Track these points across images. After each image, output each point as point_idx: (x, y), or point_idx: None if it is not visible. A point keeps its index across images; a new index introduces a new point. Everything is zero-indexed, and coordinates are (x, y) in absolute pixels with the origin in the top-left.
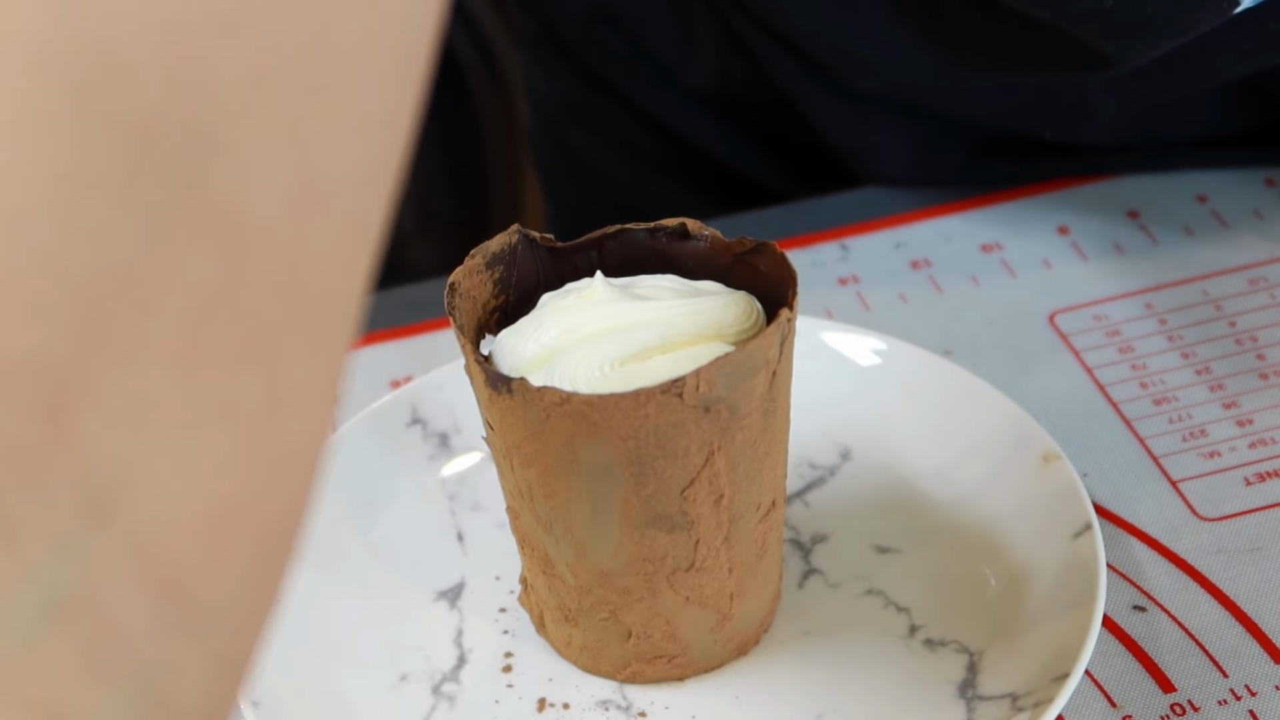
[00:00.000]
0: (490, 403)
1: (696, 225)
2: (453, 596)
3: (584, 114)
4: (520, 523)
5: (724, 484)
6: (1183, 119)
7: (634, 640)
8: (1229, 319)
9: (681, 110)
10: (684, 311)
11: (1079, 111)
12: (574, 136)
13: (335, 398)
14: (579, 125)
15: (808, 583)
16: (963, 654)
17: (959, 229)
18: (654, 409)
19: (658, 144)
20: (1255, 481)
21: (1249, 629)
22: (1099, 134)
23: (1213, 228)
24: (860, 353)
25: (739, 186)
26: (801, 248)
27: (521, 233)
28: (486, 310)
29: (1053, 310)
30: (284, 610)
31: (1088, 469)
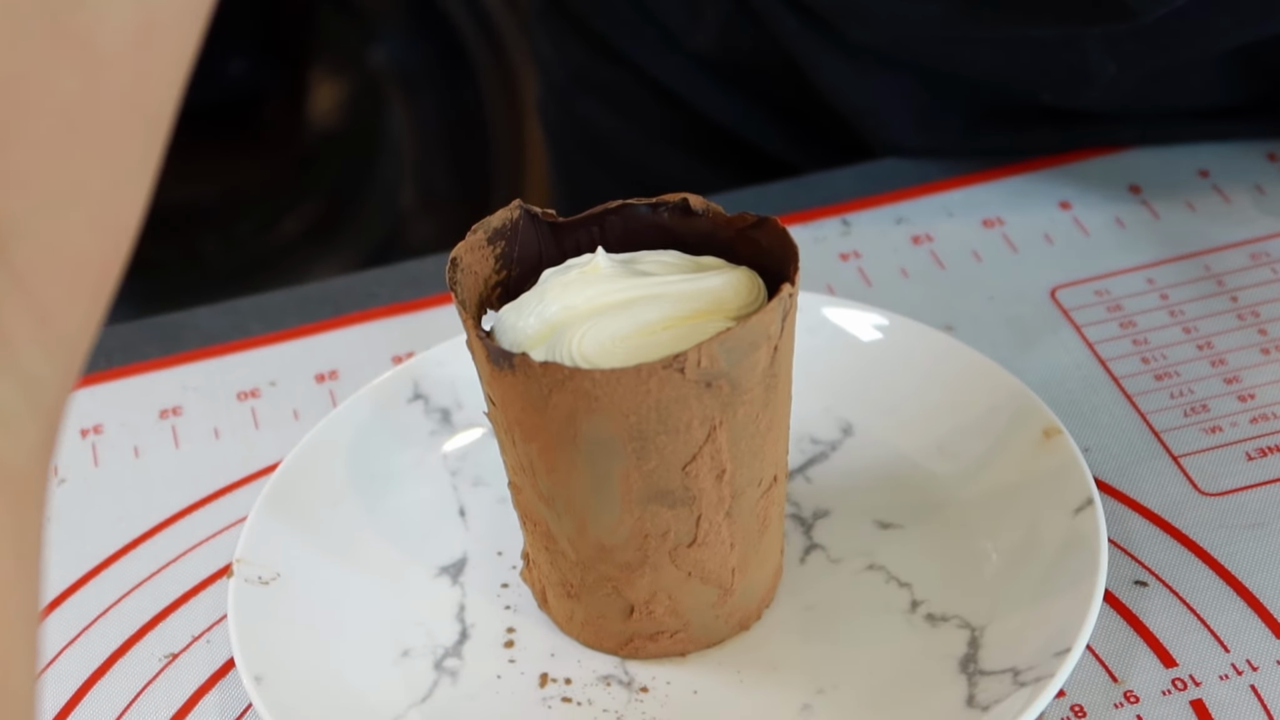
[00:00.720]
0: (492, 378)
1: (699, 200)
2: (455, 572)
3: (591, 83)
4: (522, 498)
5: (725, 459)
6: (1181, 88)
7: (636, 615)
8: (1231, 294)
9: (687, 76)
10: (685, 287)
11: (1078, 74)
12: (581, 105)
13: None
14: (586, 94)
15: (809, 558)
16: (964, 629)
17: (960, 204)
18: (655, 384)
19: (664, 112)
20: (1257, 456)
21: (1250, 604)
22: (1096, 99)
23: (1214, 202)
24: (862, 328)
25: (745, 154)
26: (803, 223)
27: (523, 208)
28: (488, 285)
29: (1054, 285)
30: (285, 585)
31: (1089, 444)
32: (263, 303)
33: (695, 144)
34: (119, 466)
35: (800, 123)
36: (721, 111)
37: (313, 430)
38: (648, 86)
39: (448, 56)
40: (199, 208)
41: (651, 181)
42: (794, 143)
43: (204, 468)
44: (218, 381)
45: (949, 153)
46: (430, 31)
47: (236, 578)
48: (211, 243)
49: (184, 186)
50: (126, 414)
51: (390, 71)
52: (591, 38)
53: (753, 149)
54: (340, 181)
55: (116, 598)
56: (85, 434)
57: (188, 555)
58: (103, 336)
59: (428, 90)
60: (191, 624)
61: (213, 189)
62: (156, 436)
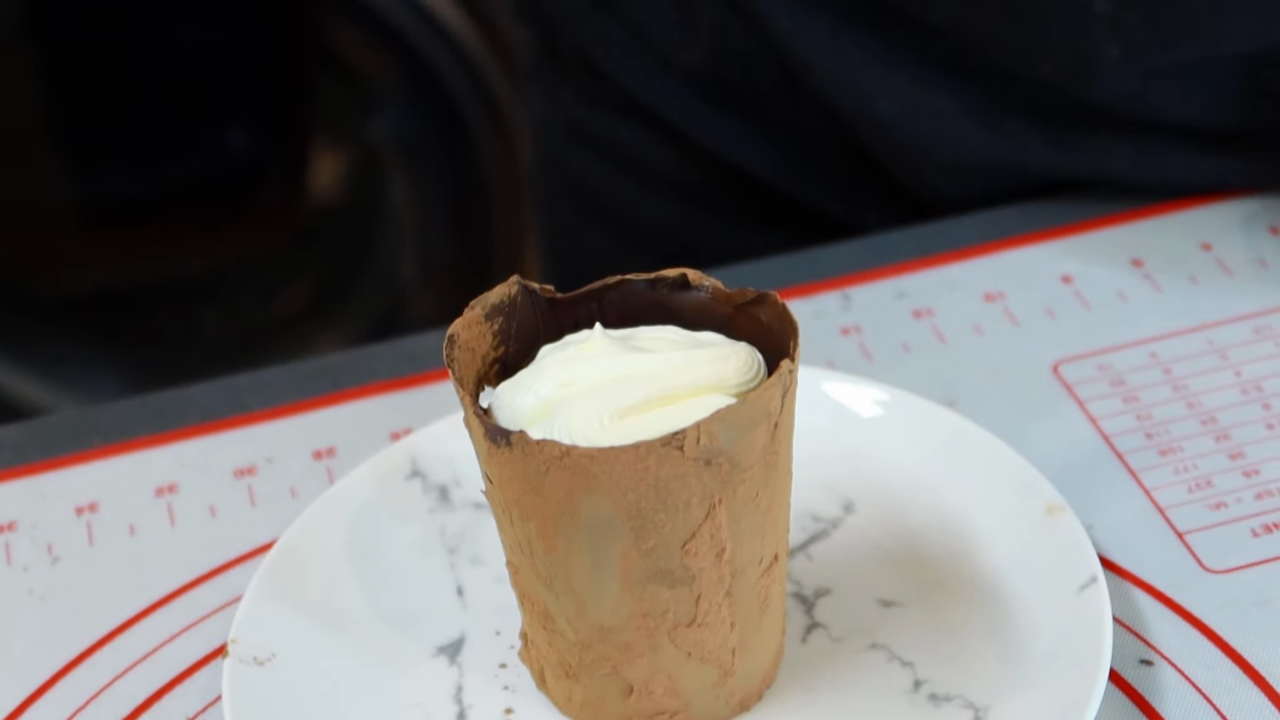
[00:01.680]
0: (489, 456)
1: (697, 276)
2: (452, 651)
3: (584, 133)
4: (520, 577)
5: (726, 538)
6: (1180, 101)
7: (635, 696)
8: (1234, 368)
9: (681, 102)
10: (684, 363)
11: (1081, 54)
12: (575, 159)
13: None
14: (580, 146)
15: (811, 637)
16: (968, 709)
17: (962, 278)
18: (654, 462)
19: (660, 153)
20: (1263, 533)
21: (1257, 683)
22: (1095, 87)
23: (1217, 276)
24: (862, 404)
25: (741, 192)
26: (803, 297)
27: (521, 283)
28: (486, 362)
29: (1057, 360)
30: (281, 666)
31: (1092, 520)
32: (259, 379)
33: (692, 187)
34: (114, 545)
35: (798, 144)
36: (717, 137)
37: (309, 508)
38: (642, 127)
39: (447, 128)
40: (199, 281)
41: (648, 234)
42: (793, 166)
43: (200, 546)
44: (214, 459)
45: (941, 148)
46: (430, 103)
47: (231, 658)
48: (211, 316)
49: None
50: (122, 492)
51: (390, 143)
52: (584, 83)
53: (749, 182)
54: (340, 254)
55: (111, 678)
56: (80, 512)
57: (183, 635)
58: (98, 414)
59: (428, 162)
60: (186, 705)
61: (212, 262)
62: (152, 514)
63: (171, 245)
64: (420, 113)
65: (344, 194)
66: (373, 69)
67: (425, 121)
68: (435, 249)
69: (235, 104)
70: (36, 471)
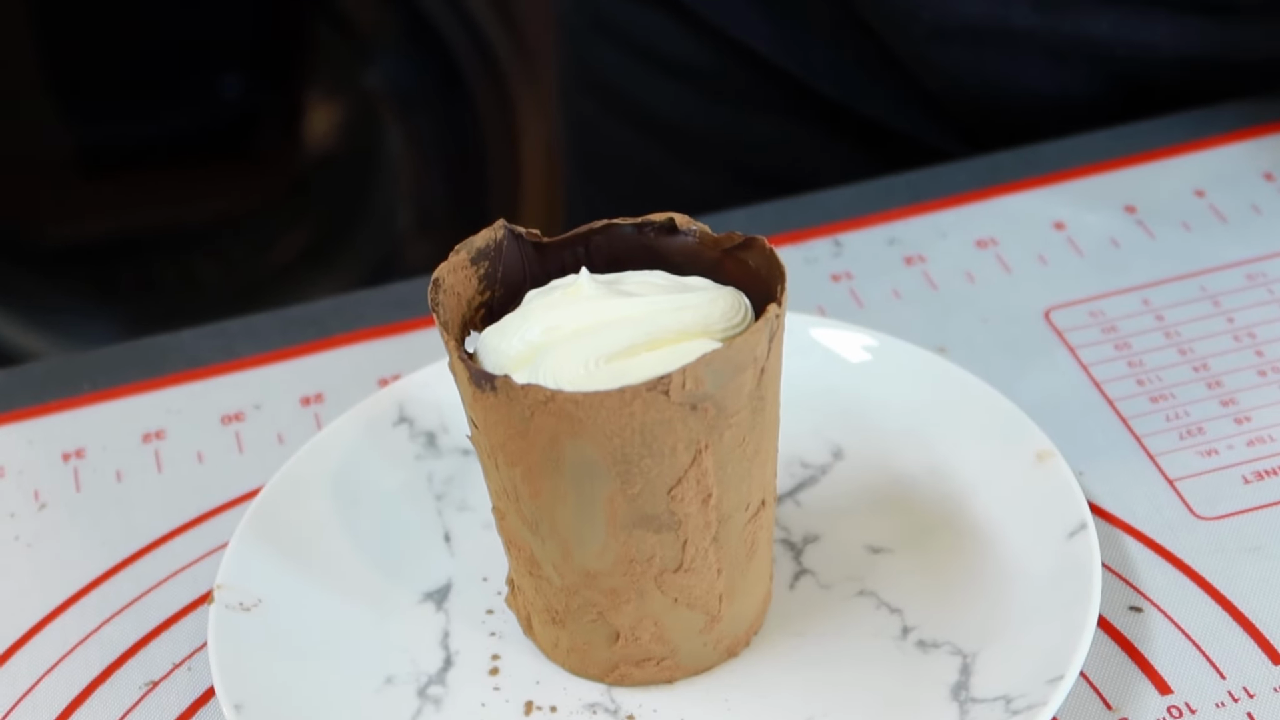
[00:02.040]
0: (474, 401)
1: (685, 220)
2: (439, 598)
3: (607, 23)
4: (506, 523)
5: (712, 483)
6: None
7: (622, 642)
8: (1227, 315)
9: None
10: (670, 308)
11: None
12: (597, 49)
13: None
14: (602, 36)
15: (799, 583)
16: (956, 656)
17: (954, 224)
18: (640, 407)
19: (675, 40)
20: (1253, 480)
21: (1247, 630)
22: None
23: (1210, 222)
24: (853, 350)
25: (754, 79)
26: (794, 243)
27: (507, 228)
28: (471, 307)
29: (1048, 306)
30: (267, 612)
31: (1083, 467)
32: (248, 325)
33: (707, 74)
34: (101, 491)
35: (800, 17)
36: (720, 8)
37: (296, 454)
38: (660, 12)
39: (444, 78)
40: (195, 229)
41: (666, 126)
42: (794, 41)
43: (187, 492)
44: (201, 404)
45: (925, 10)
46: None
47: (217, 604)
48: (207, 265)
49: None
50: (109, 438)
51: (386, 94)
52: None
53: (763, 67)
54: (336, 204)
55: (97, 624)
56: (67, 458)
57: (170, 581)
58: (86, 359)
59: (424, 112)
60: (173, 651)
61: (209, 211)
62: (139, 460)
63: (167, 194)
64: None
65: (340, 143)
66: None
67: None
68: (431, 198)
69: (231, 52)
70: (24, 418)
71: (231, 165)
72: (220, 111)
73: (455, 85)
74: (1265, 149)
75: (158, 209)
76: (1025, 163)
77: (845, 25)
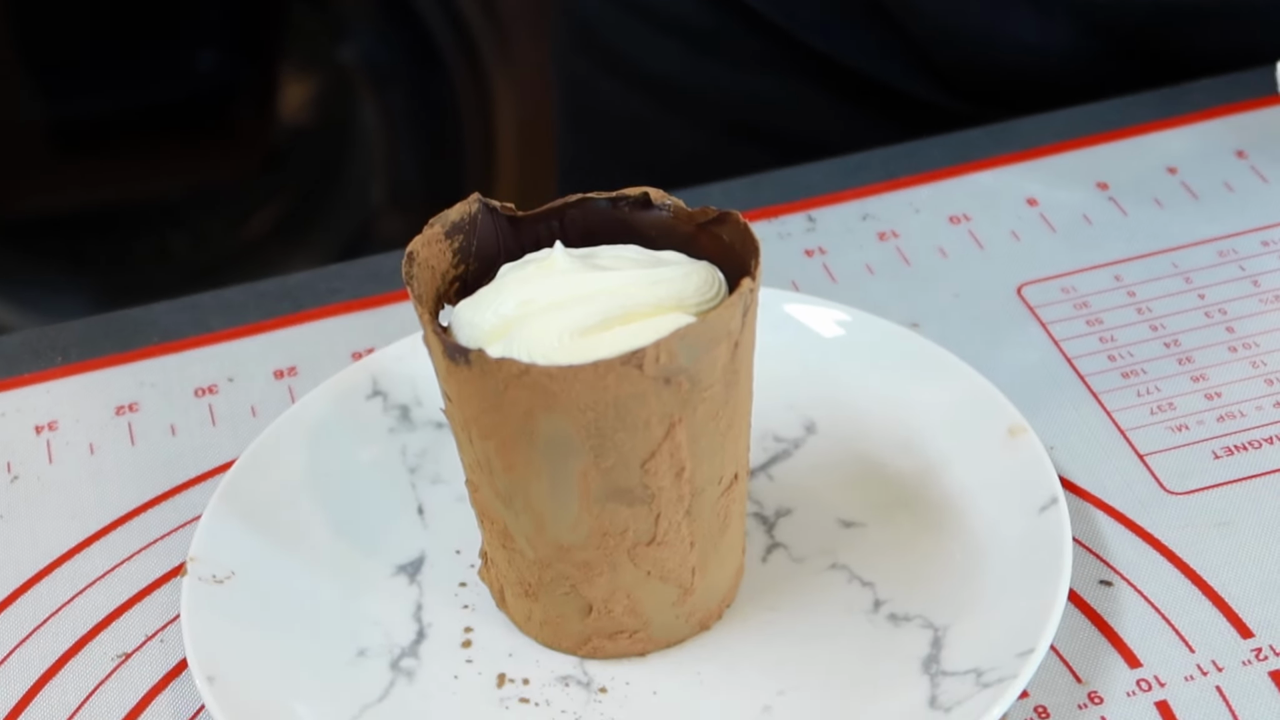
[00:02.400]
0: (448, 374)
1: (659, 195)
2: (412, 570)
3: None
4: (479, 496)
5: (685, 457)
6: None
7: (594, 615)
8: (1198, 291)
9: None
10: (644, 282)
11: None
12: (589, 5)
13: None
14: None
15: (771, 557)
16: (927, 629)
17: (927, 200)
18: (613, 380)
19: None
20: (1223, 455)
21: (1216, 604)
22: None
23: (1182, 199)
24: (826, 325)
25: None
26: (768, 219)
27: (482, 201)
28: (446, 280)
29: (1021, 282)
30: (240, 584)
31: (1054, 442)
32: (222, 298)
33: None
34: (73, 463)
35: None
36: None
37: (269, 427)
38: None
39: (418, 53)
40: (168, 203)
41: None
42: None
43: (160, 465)
44: (175, 378)
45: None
46: (401, 27)
47: (190, 576)
48: (181, 239)
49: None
50: (82, 410)
51: (361, 68)
52: None
53: (752, 19)
54: (310, 178)
55: (69, 596)
56: (40, 430)
57: (142, 553)
58: (58, 332)
59: (398, 87)
60: (145, 623)
61: (182, 185)
62: (112, 433)
63: (140, 168)
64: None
65: (314, 117)
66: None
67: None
68: (405, 173)
69: (205, 26)
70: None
71: (205, 139)
72: (195, 85)
73: (430, 60)
74: (1237, 127)
75: (131, 183)
76: (998, 139)
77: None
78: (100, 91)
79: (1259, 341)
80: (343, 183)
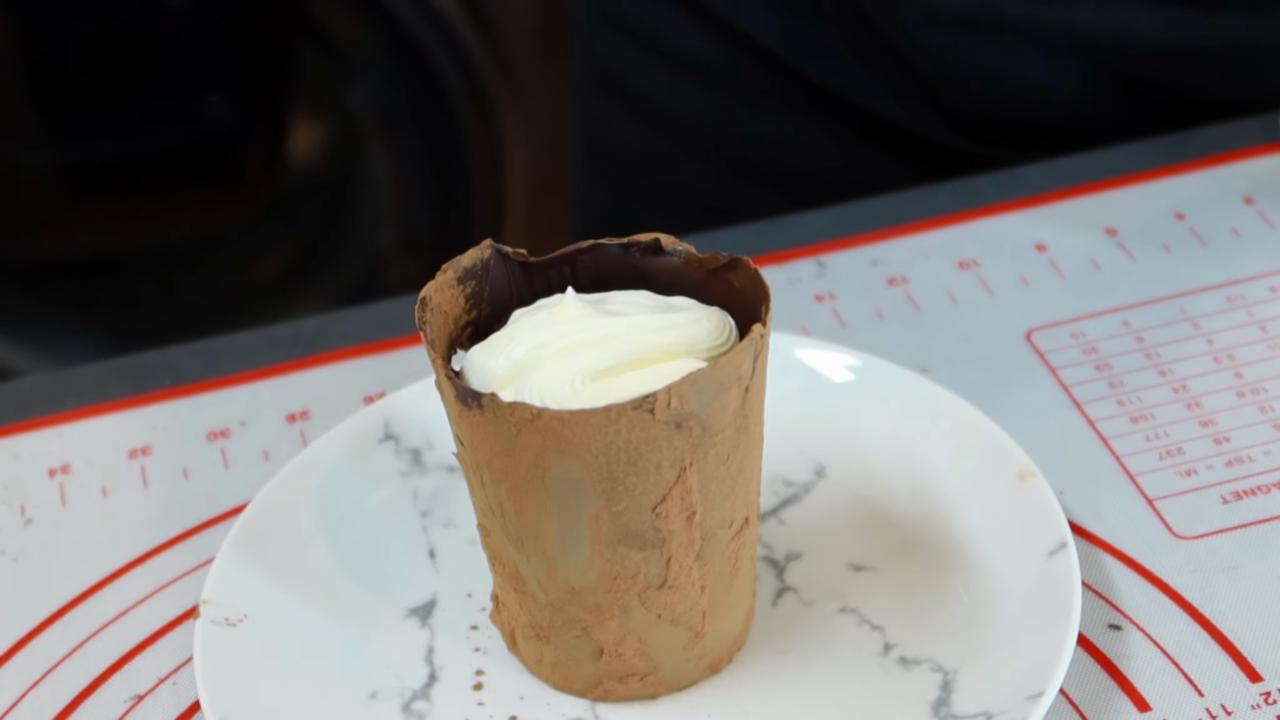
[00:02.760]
0: (461, 418)
1: (670, 240)
2: (424, 614)
3: (614, 15)
4: (491, 539)
5: (696, 501)
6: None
7: (605, 658)
8: (1206, 336)
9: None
10: (656, 327)
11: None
12: (604, 43)
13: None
14: (610, 29)
15: (781, 600)
16: (937, 672)
17: (936, 246)
18: (625, 425)
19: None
20: (1232, 500)
21: (1225, 648)
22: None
23: (1190, 245)
24: (835, 369)
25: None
26: (778, 264)
27: (494, 247)
28: (458, 325)
29: (1030, 328)
30: (253, 627)
31: (1064, 486)
32: (234, 342)
33: (711, 66)
34: (87, 506)
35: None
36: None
37: (282, 470)
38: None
39: (427, 97)
40: (177, 248)
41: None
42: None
43: (172, 508)
44: (187, 421)
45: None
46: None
47: (203, 619)
48: (189, 283)
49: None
50: (95, 454)
51: (370, 113)
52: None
53: (764, 58)
54: (319, 222)
55: (83, 638)
56: (53, 474)
57: (155, 596)
58: (71, 375)
59: (408, 131)
60: (158, 666)
61: (191, 229)
62: (125, 476)
63: (150, 212)
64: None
65: (323, 162)
66: (353, 37)
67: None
68: (414, 218)
69: (215, 71)
70: (9, 433)
71: (215, 184)
72: (204, 130)
73: (438, 105)
74: (1244, 173)
75: (140, 227)
76: (1006, 185)
77: (841, 13)
78: (110, 136)
79: (1267, 386)
80: (351, 228)
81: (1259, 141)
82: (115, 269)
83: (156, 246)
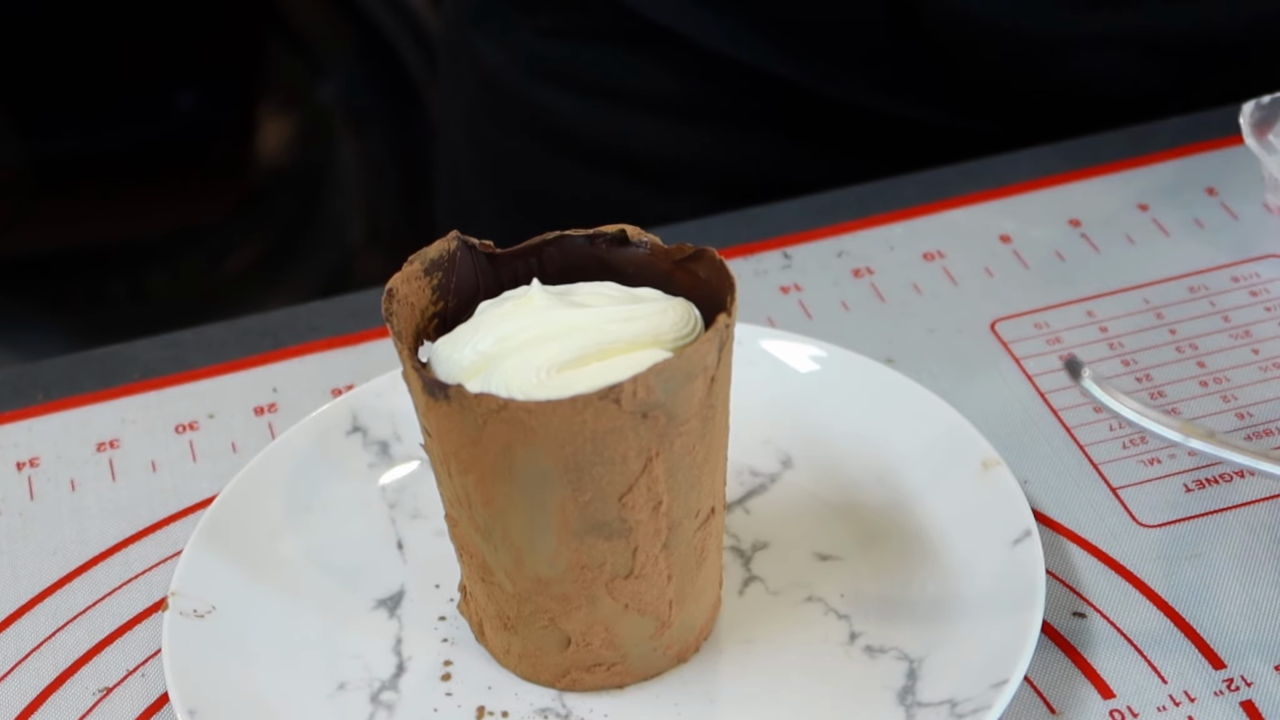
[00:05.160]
0: (427, 410)
1: (636, 232)
2: (392, 605)
3: (548, 68)
4: (458, 530)
5: (662, 490)
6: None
7: (573, 648)
8: (1169, 326)
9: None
10: (621, 318)
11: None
12: (538, 95)
13: None
14: (543, 81)
15: (748, 590)
16: (902, 661)
17: (901, 237)
18: (591, 415)
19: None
20: (1195, 488)
21: (1188, 635)
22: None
23: (1154, 236)
24: (801, 360)
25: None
26: (744, 256)
27: (460, 239)
28: (425, 317)
29: (994, 318)
30: (221, 618)
31: (1028, 476)
32: (202, 335)
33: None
34: (55, 500)
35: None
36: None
37: (250, 463)
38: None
39: (396, 92)
40: (146, 242)
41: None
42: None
43: (141, 501)
44: (155, 414)
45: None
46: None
47: (171, 611)
48: (159, 277)
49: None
50: (63, 447)
51: (339, 107)
52: (548, 17)
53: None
54: (289, 217)
55: (51, 631)
56: (21, 467)
57: (124, 588)
58: (39, 370)
59: (377, 126)
60: (126, 658)
61: (161, 224)
62: (93, 469)
63: (119, 207)
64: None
65: (292, 157)
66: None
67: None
68: (383, 212)
69: (184, 66)
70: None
71: (184, 178)
72: (174, 125)
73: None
74: (1207, 164)
75: (110, 222)
76: (971, 177)
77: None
78: (79, 131)
79: (1229, 376)
80: (321, 221)
81: (1221, 134)
82: (84, 264)
83: (125, 241)
